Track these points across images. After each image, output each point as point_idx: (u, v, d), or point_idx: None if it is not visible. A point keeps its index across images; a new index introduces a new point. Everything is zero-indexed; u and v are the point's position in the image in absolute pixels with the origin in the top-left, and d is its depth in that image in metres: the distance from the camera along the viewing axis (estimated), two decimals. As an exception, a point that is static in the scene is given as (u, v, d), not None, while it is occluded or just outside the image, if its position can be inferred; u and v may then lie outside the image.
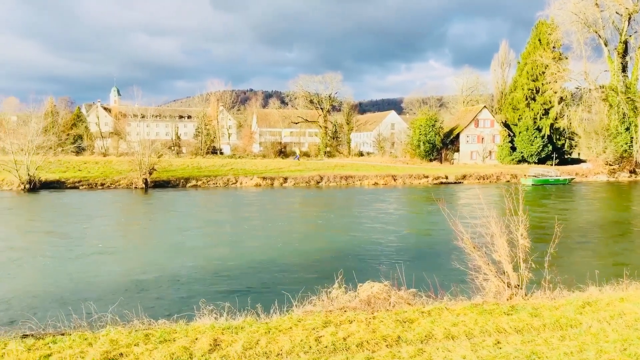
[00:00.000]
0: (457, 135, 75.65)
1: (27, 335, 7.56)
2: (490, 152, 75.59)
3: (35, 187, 43.69)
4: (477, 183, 54.36)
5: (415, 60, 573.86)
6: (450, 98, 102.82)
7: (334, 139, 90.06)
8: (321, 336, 7.52)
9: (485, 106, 78.40)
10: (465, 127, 75.40)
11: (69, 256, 18.78)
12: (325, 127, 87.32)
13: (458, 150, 75.51)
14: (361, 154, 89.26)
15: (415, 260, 17.90)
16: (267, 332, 7.70)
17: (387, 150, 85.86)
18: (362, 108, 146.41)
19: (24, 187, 43.03)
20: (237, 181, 50.96)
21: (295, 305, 9.42)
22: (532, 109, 72.41)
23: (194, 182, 49.55)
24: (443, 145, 73.63)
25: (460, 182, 54.58)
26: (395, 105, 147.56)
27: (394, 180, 53.18)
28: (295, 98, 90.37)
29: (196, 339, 7.30)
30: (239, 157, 75.96)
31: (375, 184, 52.00)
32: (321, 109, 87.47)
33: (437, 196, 36.87)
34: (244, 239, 22.52)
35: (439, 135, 72.17)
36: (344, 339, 7.42)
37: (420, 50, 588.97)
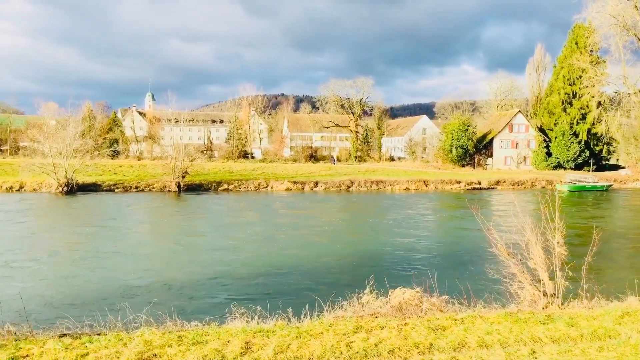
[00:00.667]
0: (491, 140, 74.42)
1: (64, 334, 7.75)
2: (524, 157, 74.09)
3: (72, 189, 44.89)
4: (511, 189, 53.33)
5: (448, 64, 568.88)
6: (483, 102, 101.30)
7: (364, 143, 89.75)
8: (352, 342, 7.48)
9: (519, 111, 76.94)
10: (499, 132, 74.11)
11: (105, 257, 19.21)
12: (356, 132, 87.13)
13: (491, 156, 74.27)
14: (392, 159, 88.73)
15: (447, 267, 17.66)
16: (298, 336, 7.71)
17: (419, 155, 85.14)
18: (394, 112, 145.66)
19: (62, 190, 44.26)
20: (268, 185, 51.30)
21: (326, 310, 9.40)
22: (569, 114, 70.74)
23: (225, 186, 50.10)
24: (476, 150, 72.55)
25: (493, 188, 53.66)
26: (427, 109, 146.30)
27: (426, 185, 52.68)
28: (327, 102, 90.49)
29: (228, 342, 7.36)
30: (270, 161, 76.44)
31: (407, 189, 51.62)
32: (352, 113, 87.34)
33: (470, 202, 36.35)
34: (274, 242, 22.62)
35: (472, 140, 71.15)
36: (376, 345, 7.36)
37: (453, 54, 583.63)
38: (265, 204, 39.80)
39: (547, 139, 72.30)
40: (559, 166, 69.75)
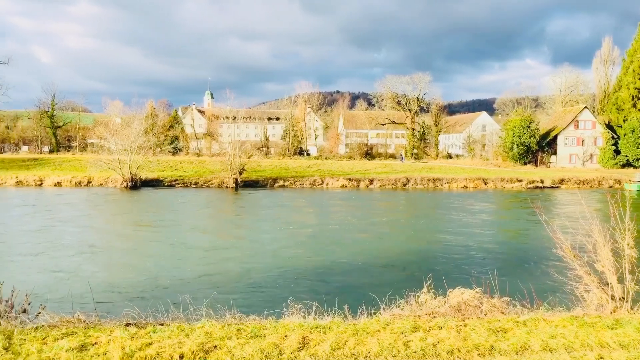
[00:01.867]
0: (555, 138, 71.59)
1: (130, 323, 8.07)
2: (591, 155, 70.86)
3: (136, 184, 46.76)
4: (576, 188, 51.07)
5: (510, 59, 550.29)
6: (547, 98, 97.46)
7: (421, 140, 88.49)
8: (410, 341, 7.39)
9: (586, 106, 73.54)
10: (564, 129, 71.16)
11: (167, 250, 19.90)
12: (413, 129, 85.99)
13: (555, 153, 71.45)
14: (449, 156, 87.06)
15: (508, 268, 17.15)
16: (355, 333, 7.69)
17: (478, 153, 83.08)
18: (452, 109, 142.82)
19: (127, 185, 46.18)
20: (323, 182, 51.51)
21: (383, 308, 9.33)
22: (639, 110, 67.08)
23: (281, 183, 50.72)
24: (539, 147, 70.01)
25: (557, 187, 51.61)
26: (486, 106, 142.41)
27: (485, 183, 51.35)
28: (382, 99, 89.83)
29: (285, 336, 7.43)
30: (325, 158, 76.72)
31: (465, 187, 50.50)
32: (409, 110, 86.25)
33: (533, 201, 35.12)
34: (330, 239, 22.68)
35: (534, 137, 68.72)
36: (434, 345, 7.24)
37: (515, 48, 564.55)
38: (320, 201, 39.99)
39: (616, 136, 68.84)
40: (628, 164, 66.28)
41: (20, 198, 38.40)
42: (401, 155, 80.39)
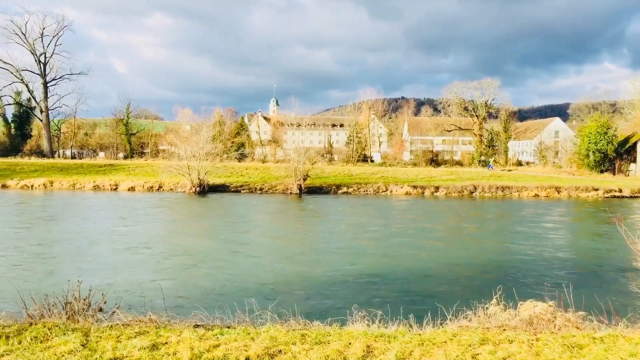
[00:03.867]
0: (634, 144, 67.41)
1: (198, 325, 8.30)
2: (675, 163, 66.26)
3: (204, 189, 48.29)
4: (659, 198, 47.87)
5: (586, 63, 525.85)
6: (625, 103, 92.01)
7: (489, 147, 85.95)
8: (478, 354, 7.14)
9: (669, 111, 68.97)
10: (645, 135, 66.97)
11: (234, 253, 20.35)
12: (481, 135, 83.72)
13: (635, 161, 67.29)
14: (519, 164, 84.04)
15: (583, 280, 16.26)
16: (421, 344, 7.52)
17: (550, 160, 79.71)
18: (522, 115, 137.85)
19: (195, 190, 47.76)
20: (387, 189, 51.08)
21: (449, 319, 9.08)
22: None
23: (344, 189, 50.74)
24: (616, 155, 66.23)
25: (636, 197, 48.56)
26: (559, 111, 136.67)
27: (558, 192, 49.12)
28: (449, 105, 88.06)
29: (349, 344, 7.38)
30: (389, 165, 76.08)
31: (536, 195, 48.51)
32: (476, 116, 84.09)
33: (611, 211, 33.23)
34: (394, 247, 22.40)
35: (612, 144, 65.09)
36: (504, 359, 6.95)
37: (592, 51, 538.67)
38: (384, 208, 39.65)
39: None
40: None
41: (96, 201, 40.56)
42: (489, 163, 75.97)
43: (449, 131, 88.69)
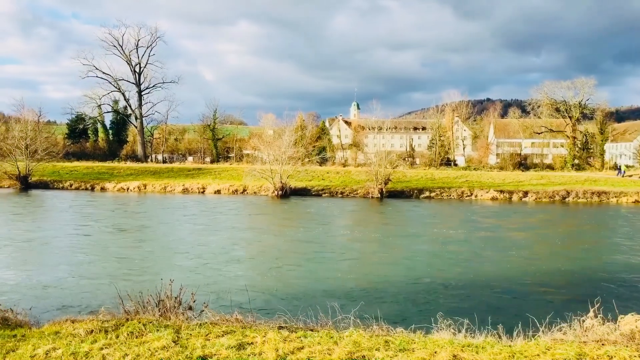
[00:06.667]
0: None
1: (282, 327, 8.38)
2: None
3: (286, 193, 49.14)
4: None
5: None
6: None
7: (583, 150, 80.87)
8: (575, 370, 6.65)
9: None
10: None
11: (317, 257, 20.51)
12: (574, 137, 79.00)
13: None
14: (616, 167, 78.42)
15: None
16: (511, 356, 7.12)
17: (652, 163, 73.76)
18: (620, 115, 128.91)
19: (277, 193, 48.72)
20: (471, 194, 49.51)
21: (542, 331, 8.56)
22: None
23: (427, 194, 49.75)
24: None
25: None
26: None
27: (661, 198, 45.33)
28: (539, 106, 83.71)
29: (435, 353, 7.13)
30: (474, 168, 73.66)
31: (636, 201, 45.05)
32: (569, 117, 79.44)
33: None
34: (481, 253, 21.62)
35: None
36: (605, 378, 6.43)
37: None
38: (469, 213, 38.41)
39: None
40: None
41: (186, 203, 42.48)
42: (619, 168, 65.85)
43: (539, 133, 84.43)
